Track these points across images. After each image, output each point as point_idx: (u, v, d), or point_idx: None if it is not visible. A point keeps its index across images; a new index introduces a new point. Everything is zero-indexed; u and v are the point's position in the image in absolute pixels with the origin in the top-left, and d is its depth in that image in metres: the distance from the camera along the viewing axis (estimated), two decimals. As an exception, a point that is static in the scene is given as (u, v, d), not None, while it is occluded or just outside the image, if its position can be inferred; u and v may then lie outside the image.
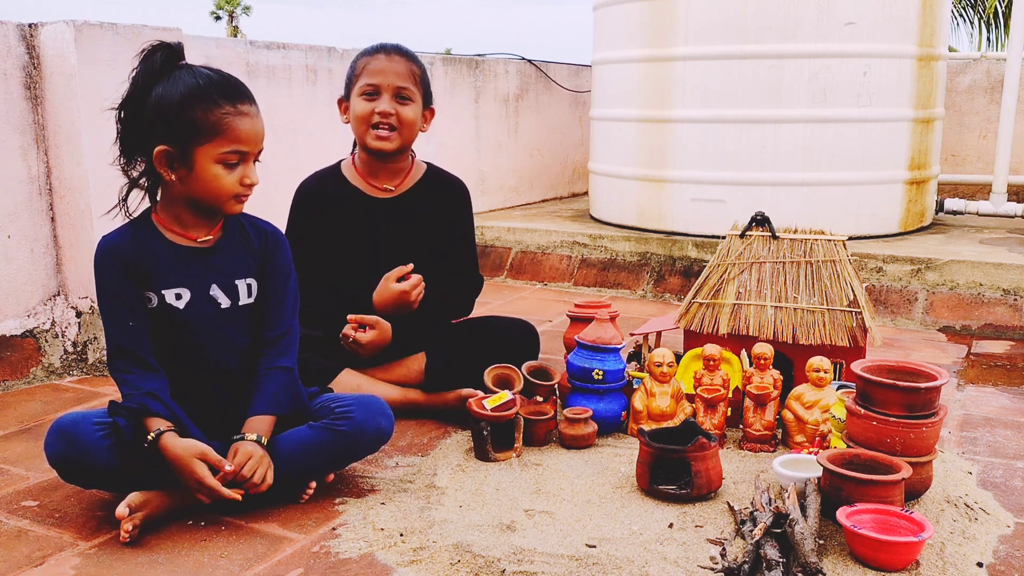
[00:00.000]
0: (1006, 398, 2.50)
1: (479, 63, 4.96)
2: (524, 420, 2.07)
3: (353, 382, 2.22)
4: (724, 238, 2.44)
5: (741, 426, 2.13)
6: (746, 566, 1.50)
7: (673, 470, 1.80)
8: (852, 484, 1.63)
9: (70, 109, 2.59)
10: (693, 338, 2.37)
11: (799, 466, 1.85)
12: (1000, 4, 12.92)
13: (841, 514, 1.58)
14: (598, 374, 2.14)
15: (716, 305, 2.34)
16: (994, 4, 13.09)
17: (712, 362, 2.14)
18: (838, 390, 2.07)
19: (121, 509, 1.61)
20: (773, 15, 3.69)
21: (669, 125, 3.99)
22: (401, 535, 1.65)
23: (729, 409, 2.16)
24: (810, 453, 1.93)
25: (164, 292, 1.74)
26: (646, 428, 1.95)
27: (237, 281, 1.80)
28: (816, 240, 2.35)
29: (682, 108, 3.93)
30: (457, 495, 1.82)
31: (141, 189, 1.75)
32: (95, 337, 2.74)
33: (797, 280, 2.31)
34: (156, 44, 1.67)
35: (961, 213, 4.36)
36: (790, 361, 2.26)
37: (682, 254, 3.88)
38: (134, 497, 1.64)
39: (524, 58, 5.35)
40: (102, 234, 1.77)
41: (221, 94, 1.66)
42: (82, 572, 1.54)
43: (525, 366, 2.22)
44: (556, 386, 2.24)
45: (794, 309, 2.27)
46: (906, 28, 3.78)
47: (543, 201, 5.55)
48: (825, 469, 1.68)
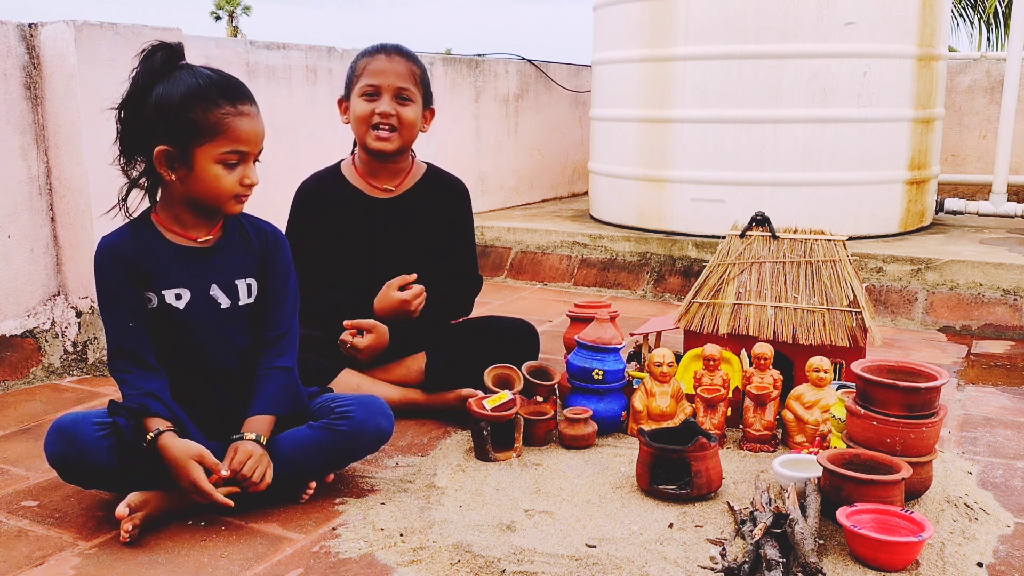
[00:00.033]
0: (1006, 398, 2.50)
1: (479, 63, 4.96)
2: (524, 420, 2.07)
3: (353, 382, 2.22)
4: (724, 238, 2.44)
5: (741, 426, 2.13)
6: (746, 566, 1.50)
7: (673, 470, 1.80)
8: (852, 484, 1.63)
9: (70, 109, 2.59)
10: (693, 338, 2.37)
11: (799, 466, 1.85)
12: (1000, 4, 12.92)
13: (841, 514, 1.58)
14: (598, 374, 2.14)
15: (716, 305, 2.34)
16: (994, 4, 13.10)
17: (712, 362, 2.14)
18: (838, 390, 2.07)
19: (121, 509, 1.61)
20: (773, 15, 3.69)
21: (669, 125, 3.99)
22: (401, 535, 1.65)
23: (729, 409, 2.16)
24: (810, 453, 1.93)
25: (164, 292, 1.74)
26: (646, 428, 1.95)
27: (237, 281, 1.80)
28: (816, 240, 2.35)
29: (682, 108, 3.93)
30: (457, 495, 1.82)
31: (141, 189, 1.75)
32: (95, 337, 2.74)
33: (797, 280, 2.31)
34: (156, 44, 1.67)
35: (961, 213, 4.36)
36: (790, 361, 2.26)
37: (682, 254, 3.88)
38: (134, 497, 1.64)
39: (524, 58, 5.35)
40: (102, 234, 1.77)
41: (221, 94, 1.66)
42: (82, 572, 1.54)
43: (525, 366, 2.22)
44: (556, 386, 2.24)
45: (794, 309, 2.27)
46: (906, 28, 3.78)
47: (543, 201, 5.55)
48: (825, 469, 1.68)
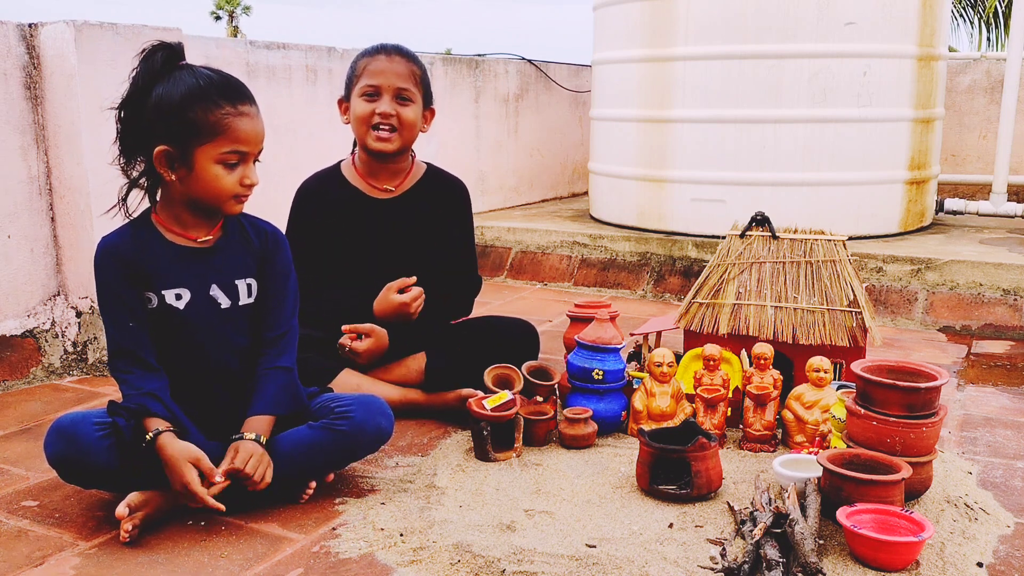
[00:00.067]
0: (1006, 398, 2.50)
1: (479, 63, 4.96)
2: (524, 420, 2.07)
3: (353, 382, 2.23)
4: (724, 238, 2.44)
5: (741, 426, 2.13)
6: (746, 566, 1.50)
7: (673, 470, 1.80)
8: (852, 484, 1.63)
9: (70, 109, 2.59)
10: (693, 338, 2.37)
11: (799, 466, 1.85)
12: (1000, 4, 12.92)
13: (841, 514, 1.58)
14: (598, 374, 2.14)
15: (716, 305, 2.34)
16: (994, 4, 13.09)
17: (712, 362, 2.14)
18: (838, 390, 2.07)
19: (121, 509, 1.61)
20: (773, 15, 3.69)
21: (669, 125, 3.99)
22: (401, 535, 1.65)
23: (729, 409, 2.16)
24: (810, 453, 1.93)
25: (164, 292, 1.74)
26: (646, 428, 1.95)
27: (237, 281, 1.80)
28: (816, 240, 2.35)
29: (682, 108, 3.93)
30: (457, 495, 1.82)
31: (141, 189, 1.75)
32: (95, 337, 2.74)
33: (797, 280, 2.31)
34: (156, 44, 1.67)
35: (961, 213, 4.36)
36: (790, 361, 2.26)
37: (682, 254, 3.88)
38: (134, 497, 1.64)
39: (524, 58, 5.35)
40: (102, 234, 1.77)
41: (221, 94, 1.66)
42: (82, 572, 1.54)
43: (525, 366, 2.22)
44: (556, 386, 2.24)
45: (794, 309, 2.27)
46: (906, 28, 3.78)
47: (543, 201, 5.55)
48: (825, 469, 1.68)
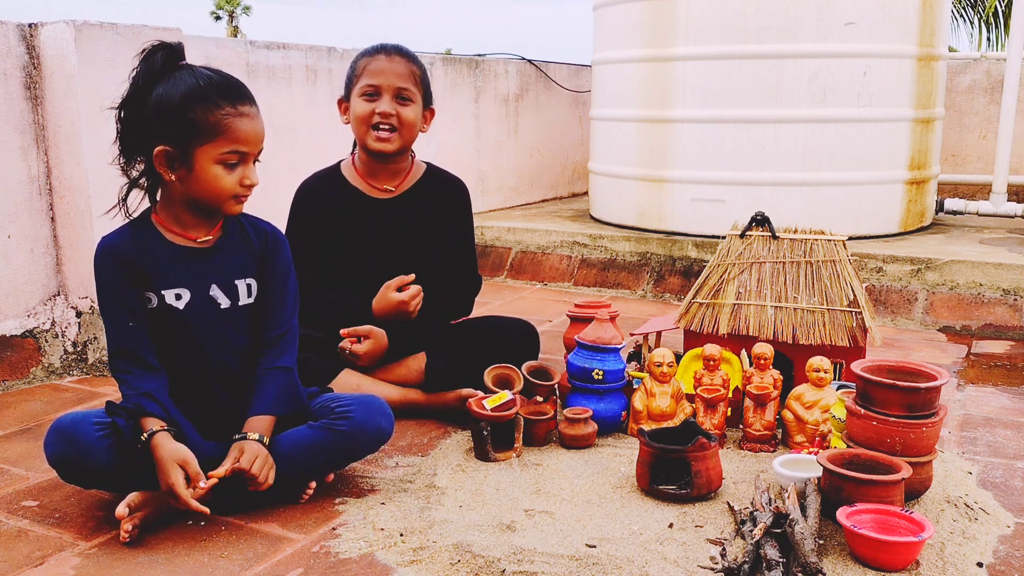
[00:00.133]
0: (1006, 398, 2.50)
1: (479, 63, 4.96)
2: (524, 420, 2.07)
3: (353, 382, 2.23)
4: (724, 238, 2.44)
5: (741, 426, 2.13)
6: (746, 566, 1.50)
7: (673, 470, 1.80)
8: (852, 484, 1.63)
9: (70, 109, 2.59)
10: (693, 338, 2.37)
11: (799, 466, 1.85)
12: (1000, 4, 12.92)
13: (841, 514, 1.58)
14: (598, 374, 2.14)
15: (716, 305, 2.34)
16: (994, 4, 13.09)
17: (712, 362, 2.14)
18: (838, 390, 2.06)
19: (121, 509, 1.61)
20: (773, 15, 3.69)
21: (669, 125, 3.99)
22: (401, 535, 1.65)
23: (729, 409, 2.16)
24: (810, 453, 1.93)
25: (164, 292, 1.74)
26: (646, 428, 1.95)
27: (237, 281, 1.80)
28: (816, 240, 2.35)
29: (682, 108, 3.93)
30: (457, 495, 1.82)
31: (141, 189, 1.75)
32: (95, 337, 2.74)
33: (797, 280, 2.31)
34: (157, 44, 1.67)
35: (961, 213, 4.36)
36: (790, 361, 2.26)
37: (682, 254, 3.88)
38: (134, 497, 1.64)
39: (524, 58, 5.35)
40: (102, 234, 1.77)
41: (221, 95, 1.66)
42: (82, 572, 1.54)
43: (525, 366, 2.22)
44: (556, 386, 2.24)
45: (794, 309, 2.27)
46: (906, 28, 3.78)
47: (543, 201, 5.55)
48: (825, 469, 1.68)
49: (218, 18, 48.44)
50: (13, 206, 2.61)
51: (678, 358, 2.30)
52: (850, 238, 2.80)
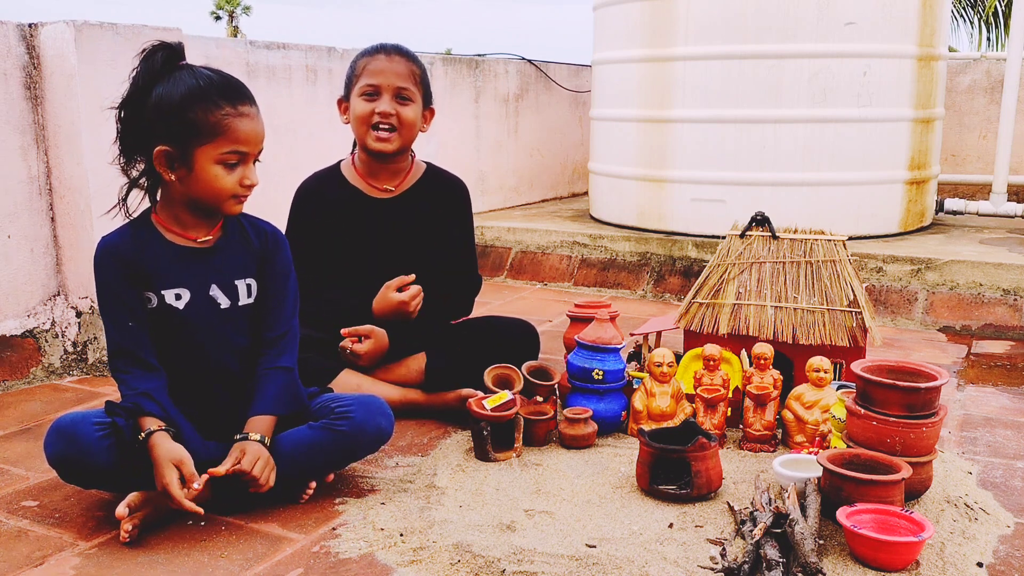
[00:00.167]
0: (1006, 398, 2.50)
1: (479, 63, 4.96)
2: (524, 420, 2.07)
3: (353, 382, 2.23)
4: (724, 238, 2.44)
5: (741, 426, 2.13)
6: (746, 566, 1.50)
7: (673, 470, 1.80)
8: (852, 484, 1.63)
9: (70, 109, 2.59)
10: (693, 338, 2.37)
11: (799, 466, 1.85)
12: (1000, 4, 12.92)
13: (841, 514, 1.58)
14: (598, 374, 2.14)
15: (716, 305, 2.34)
16: (994, 4, 13.09)
17: (712, 362, 2.14)
18: (838, 390, 2.06)
19: (121, 509, 1.61)
20: (773, 15, 3.69)
21: (669, 125, 3.99)
22: (401, 535, 1.65)
23: (729, 409, 2.16)
24: (810, 453, 1.93)
25: (164, 292, 1.74)
26: (646, 428, 1.95)
27: (236, 281, 1.80)
28: (816, 240, 2.35)
29: (682, 108, 3.93)
30: (457, 495, 1.82)
31: (141, 189, 1.75)
32: (95, 337, 2.74)
33: (797, 280, 2.31)
34: (157, 44, 1.67)
35: (961, 213, 4.36)
36: (790, 361, 2.26)
37: (682, 254, 3.88)
38: (134, 497, 1.64)
39: (524, 58, 5.35)
40: (102, 234, 1.77)
41: (221, 95, 1.66)
42: (82, 572, 1.54)
43: (525, 366, 2.22)
44: (556, 386, 2.24)
45: (794, 309, 2.27)
46: (906, 28, 3.78)
47: (543, 201, 5.55)
48: (825, 469, 1.68)
49: (218, 18, 48.46)
50: (13, 206, 2.61)
51: (678, 358, 2.30)
52: (850, 238, 2.80)
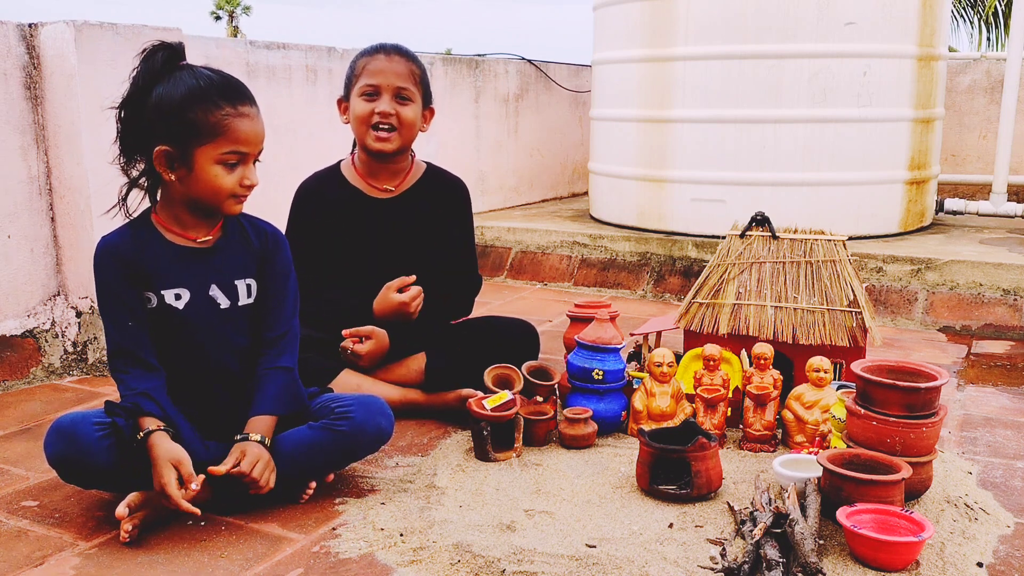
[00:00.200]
0: (1006, 398, 2.50)
1: (479, 63, 4.96)
2: (524, 420, 2.07)
3: (353, 382, 2.23)
4: (724, 238, 2.44)
5: (741, 426, 2.13)
6: (746, 566, 1.50)
7: (673, 470, 1.80)
8: (852, 484, 1.63)
9: (70, 109, 2.59)
10: (693, 338, 2.37)
11: (799, 466, 1.85)
12: (1000, 4, 12.92)
13: (841, 514, 1.58)
14: (598, 374, 2.14)
15: (716, 305, 2.34)
16: (994, 4, 13.10)
17: (712, 362, 2.14)
18: (838, 390, 2.06)
19: (121, 509, 1.61)
20: (773, 15, 3.69)
21: (669, 125, 3.99)
22: (401, 535, 1.65)
23: (729, 409, 2.16)
24: (810, 453, 1.93)
25: (163, 292, 1.74)
26: (646, 428, 1.95)
27: (236, 281, 1.80)
28: (816, 240, 2.35)
29: (682, 108, 3.93)
30: (457, 495, 1.82)
31: (141, 189, 1.75)
32: (95, 337, 2.74)
33: (797, 280, 2.31)
34: (157, 44, 1.67)
35: (961, 213, 4.36)
36: (790, 361, 2.26)
37: (682, 254, 3.88)
38: (134, 497, 1.64)
39: (524, 58, 5.35)
40: (102, 234, 1.77)
41: (222, 95, 1.66)
42: (82, 572, 1.54)
43: (525, 366, 2.22)
44: (556, 386, 2.24)
45: (794, 309, 2.27)
46: (906, 28, 3.78)
47: (543, 201, 5.55)
48: (825, 469, 1.68)
49: (218, 18, 48.46)
50: (13, 206, 2.61)
51: (678, 358, 2.30)
52: (850, 238, 2.80)
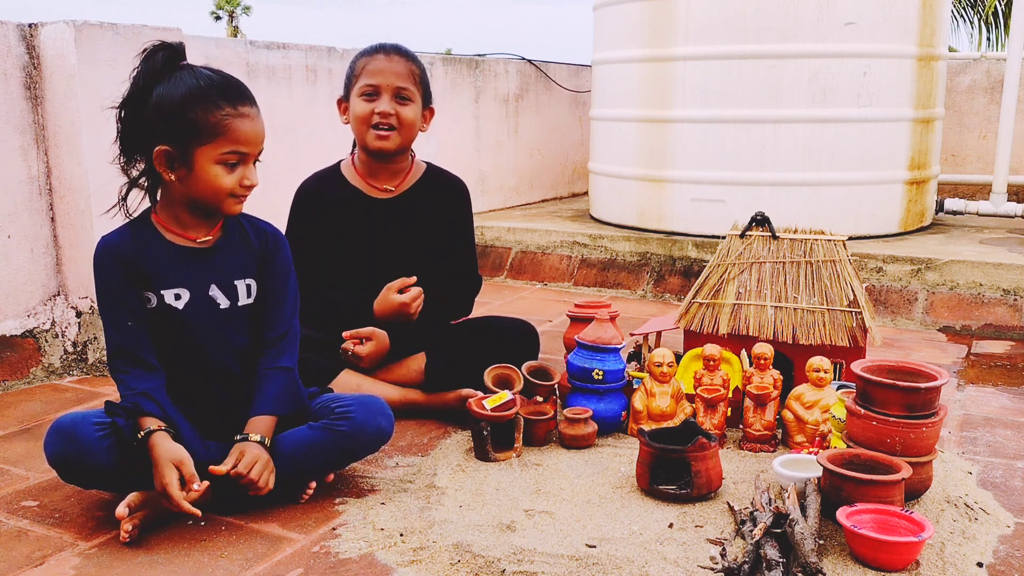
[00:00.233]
0: (1006, 398, 2.50)
1: (479, 63, 4.96)
2: (524, 420, 2.07)
3: (353, 382, 2.23)
4: (724, 238, 2.44)
5: (741, 426, 2.13)
6: (746, 566, 1.50)
7: (673, 470, 1.80)
8: (852, 484, 1.63)
9: (70, 109, 2.59)
10: (693, 338, 2.37)
11: (799, 466, 1.85)
12: (1000, 4, 12.92)
13: (841, 514, 1.58)
14: (598, 374, 2.14)
15: (716, 305, 2.34)
16: (994, 4, 13.10)
17: (712, 362, 2.14)
18: (838, 390, 2.07)
19: (121, 509, 1.61)
20: (773, 15, 3.69)
21: (669, 125, 3.99)
22: (401, 535, 1.65)
23: (729, 409, 2.16)
24: (810, 453, 1.93)
25: (163, 292, 1.74)
26: (646, 428, 1.95)
27: (236, 281, 1.80)
28: (816, 240, 2.35)
29: (682, 108, 3.93)
30: (457, 495, 1.82)
31: (141, 189, 1.75)
32: (95, 337, 2.74)
33: (797, 280, 2.31)
34: (158, 44, 1.67)
35: (961, 213, 4.36)
36: (790, 361, 2.26)
37: (682, 254, 3.88)
38: (134, 497, 1.64)
39: (524, 58, 5.35)
40: (102, 234, 1.77)
41: (222, 95, 1.66)
42: (82, 572, 1.54)
43: (525, 366, 2.22)
44: (556, 386, 2.24)
45: (794, 309, 2.27)
46: (906, 28, 3.78)
47: (543, 201, 5.55)
48: (825, 469, 1.68)
49: (218, 18, 48.47)
50: (13, 206, 2.61)
51: (678, 358, 2.30)
52: (850, 238, 2.80)
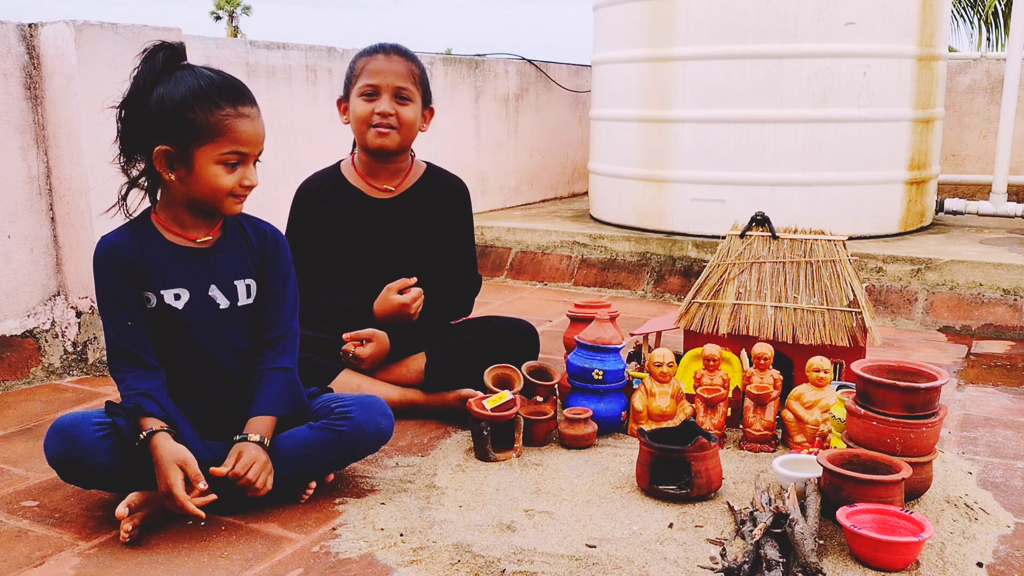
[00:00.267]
0: (1006, 398, 2.50)
1: (479, 63, 4.96)
2: (524, 420, 2.07)
3: (353, 382, 2.23)
4: (724, 238, 2.44)
5: (741, 426, 2.13)
6: (746, 566, 1.50)
7: (673, 470, 1.80)
8: (852, 484, 1.63)
9: (70, 109, 2.59)
10: (693, 338, 2.37)
11: (799, 466, 1.85)
12: (1000, 4, 12.92)
13: (841, 514, 1.58)
14: (598, 374, 2.14)
15: (716, 305, 2.34)
16: (994, 4, 13.09)
17: (712, 362, 2.14)
18: (838, 390, 2.07)
19: (121, 509, 1.61)
20: (773, 15, 3.69)
21: (669, 125, 3.99)
22: (401, 535, 1.65)
23: (729, 409, 2.16)
24: (810, 453, 1.93)
25: (163, 292, 1.74)
26: (646, 428, 1.95)
27: (236, 282, 1.80)
28: (816, 240, 2.35)
29: (682, 108, 3.93)
30: (457, 495, 1.82)
31: (140, 189, 1.75)
32: (95, 337, 2.74)
33: (797, 280, 2.31)
34: (158, 44, 1.67)
35: (961, 213, 4.36)
36: (790, 361, 2.26)
37: (682, 254, 3.88)
38: (134, 497, 1.64)
39: (524, 58, 5.35)
40: (102, 234, 1.77)
41: (222, 95, 1.66)
42: (82, 572, 1.54)
43: (525, 366, 2.22)
44: (556, 386, 2.24)
45: (794, 309, 2.27)
46: (906, 28, 3.78)
47: (543, 201, 5.55)
48: (825, 469, 1.68)
49: (218, 18, 48.49)
50: (13, 206, 2.61)
51: (678, 358, 2.30)
52: (850, 238, 2.80)
